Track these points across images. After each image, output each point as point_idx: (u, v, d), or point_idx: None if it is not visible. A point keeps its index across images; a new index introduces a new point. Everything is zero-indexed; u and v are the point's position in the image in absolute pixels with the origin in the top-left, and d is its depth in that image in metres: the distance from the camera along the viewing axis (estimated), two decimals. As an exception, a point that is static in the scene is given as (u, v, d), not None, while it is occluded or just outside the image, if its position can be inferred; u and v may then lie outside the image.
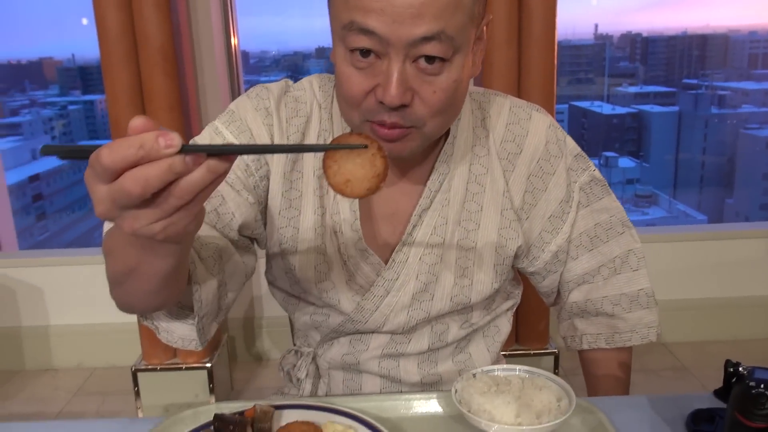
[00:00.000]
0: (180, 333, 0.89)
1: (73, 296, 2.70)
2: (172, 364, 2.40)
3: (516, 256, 1.03)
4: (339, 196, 0.95)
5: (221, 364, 2.53)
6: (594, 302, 1.07)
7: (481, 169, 0.98)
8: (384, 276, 0.97)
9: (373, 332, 1.02)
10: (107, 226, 0.82)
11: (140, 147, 0.53)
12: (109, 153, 0.53)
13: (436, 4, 0.76)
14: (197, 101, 2.42)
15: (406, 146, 0.86)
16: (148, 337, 2.39)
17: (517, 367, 0.89)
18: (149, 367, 2.40)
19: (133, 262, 0.69)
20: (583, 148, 1.08)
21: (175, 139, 0.54)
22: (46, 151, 0.56)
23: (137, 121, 0.54)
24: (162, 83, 2.13)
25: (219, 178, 0.57)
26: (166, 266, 0.69)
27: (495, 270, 1.00)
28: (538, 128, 1.00)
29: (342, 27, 0.80)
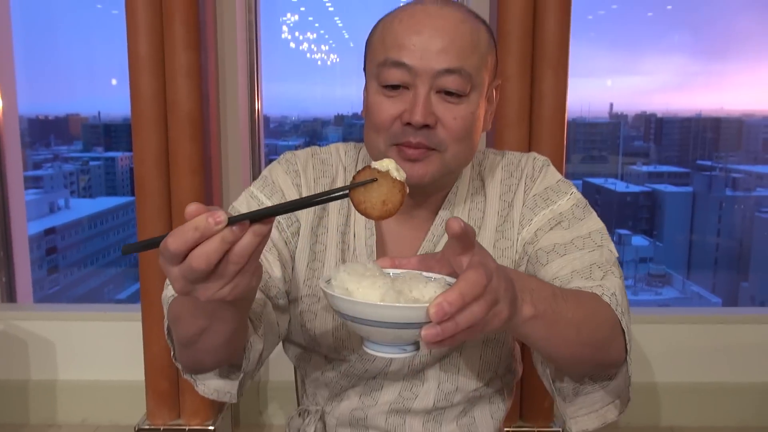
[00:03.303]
0: (215, 386, 0.97)
1: (83, 352, 2.71)
2: (176, 425, 2.39)
3: None
4: (359, 249, 1.03)
5: (224, 428, 2.51)
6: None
7: (478, 213, 1.06)
8: None
9: (383, 380, 1.06)
10: (167, 292, 0.91)
11: (196, 229, 0.62)
12: (173, 240, 0.62)
13: (457, 44, 0.92)
14: (219, 164, 2.50)
15: (428, 170, 0.95)
16: (154, 397, 2.39)
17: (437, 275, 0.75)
18: (152, 427, 2.39)
19: (205, 324, 0.78)
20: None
21: (221, 216, 0.62)
22: (127, 250, 0.65)
23: (191, 207, 0.63)
24: (188, 148, 2.21)
25: (264, 238, 0.66)
26: (235, 321, 0.79)
27: None
28: (526, 165, 1.08)
29: (378, 65, 0.94)
